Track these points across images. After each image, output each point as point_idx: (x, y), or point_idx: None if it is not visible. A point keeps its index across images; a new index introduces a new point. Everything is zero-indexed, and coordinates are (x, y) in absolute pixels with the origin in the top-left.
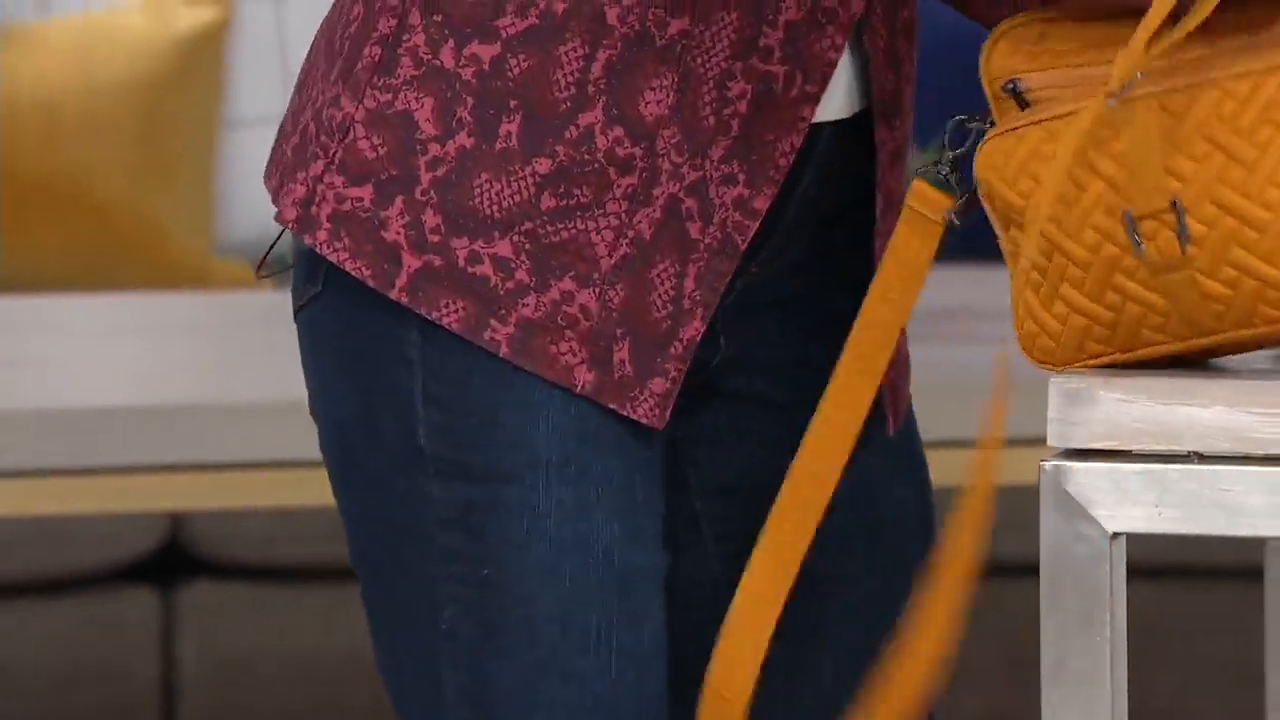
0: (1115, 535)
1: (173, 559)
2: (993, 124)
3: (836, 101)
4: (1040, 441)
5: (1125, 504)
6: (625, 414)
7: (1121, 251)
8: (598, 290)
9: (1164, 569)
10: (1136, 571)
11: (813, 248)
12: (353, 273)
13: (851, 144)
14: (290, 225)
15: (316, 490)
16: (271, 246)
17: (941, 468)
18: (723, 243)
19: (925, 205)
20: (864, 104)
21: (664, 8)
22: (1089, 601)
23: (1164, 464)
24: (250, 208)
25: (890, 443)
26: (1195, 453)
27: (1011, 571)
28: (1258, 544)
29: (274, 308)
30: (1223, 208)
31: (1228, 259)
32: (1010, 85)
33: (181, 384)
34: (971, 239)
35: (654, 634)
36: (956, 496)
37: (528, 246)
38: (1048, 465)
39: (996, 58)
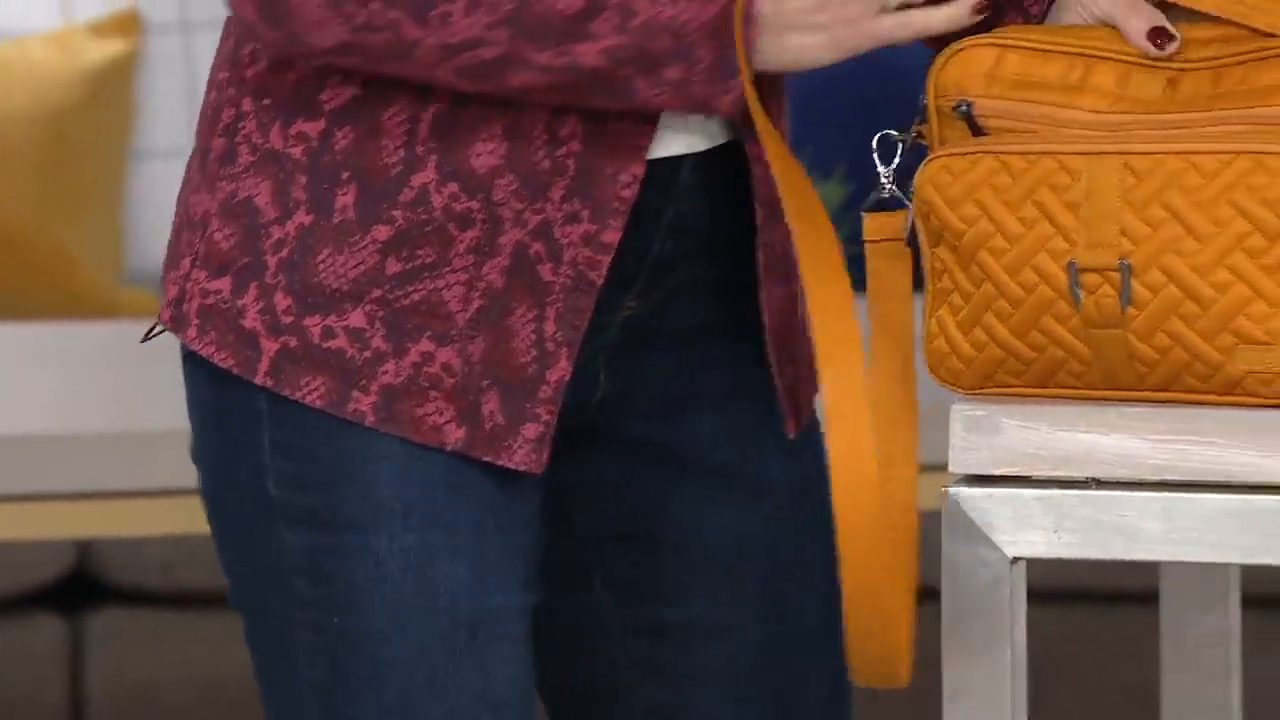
0: (1015, 560)
1: (80, 586)
2: (919, 136)
3: (691, 134)
4: (942, 468)
5: (1025, 529)
6: (501, 464)
7: (1057, 296)
8: (457, 346)
9: (1063, 593)
10: (1036, 596)
11: (700, 280)
12: (220, 364)
13: (727, 174)
14: (168, 325)
15: None
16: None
17: None
18: (577, 281)
19: (882, 231)
20: (731, 135)
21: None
22: (989, 625)
23: (1063, 490)
24: (158, 238)
25: (795, 491)
26: (1093, 478)
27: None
28: (1154, 568)
29: None
30: (1170, 277)
31: (1164, 327)
32: (963, 106)
33: (89, 412)
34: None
35: (507, 677)
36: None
37: (380, 314)
38: (950, 491)
39: (950, 75)
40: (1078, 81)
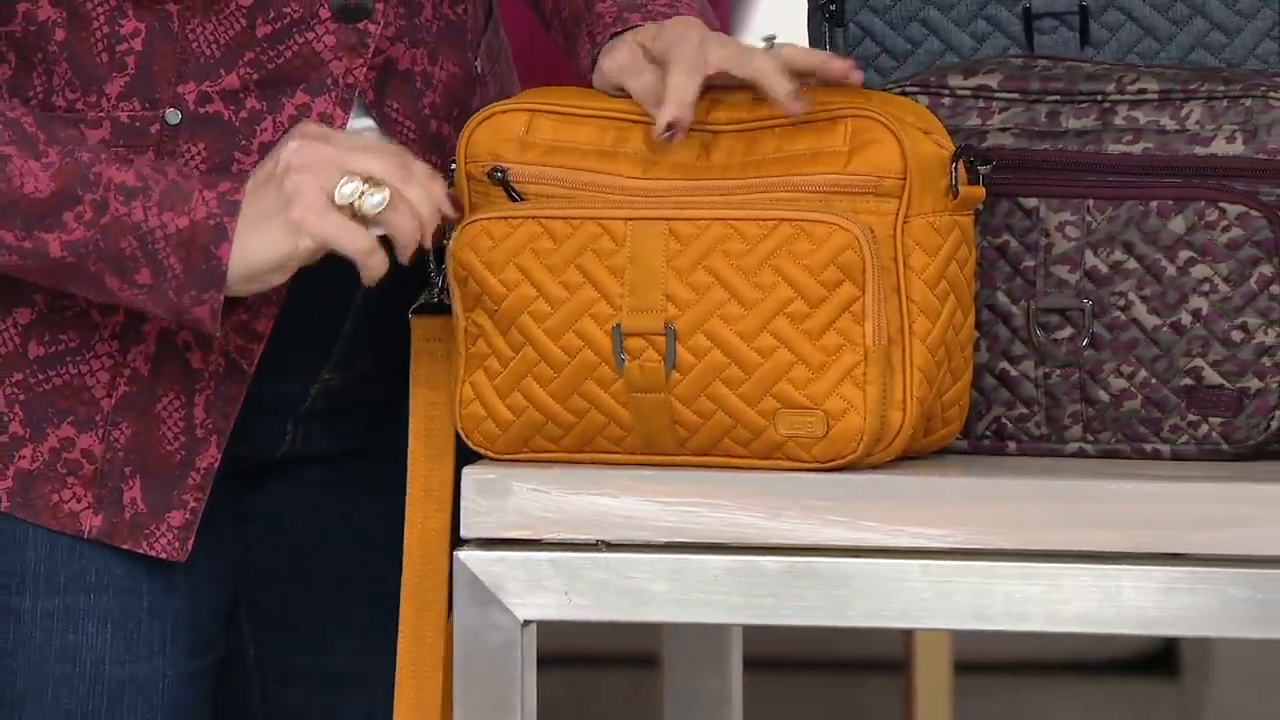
0: (526, 623)
1: None
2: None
3: None
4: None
5: (536, 592)
6: (142, 552)
7: (600, 361)
8: (101, 432)
9: (567, 657)
10: (547, 659)
11: (393, 354)
12: None
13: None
14: None
15: None
16: None
17: None
18: (228, 369)
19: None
20: None
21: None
22: (501, 688)
23: (574, 552)
24: None
25: None
26: (603, 541)
27: None
28: (659, 629)
29: None
30: (714, 341)
31: (708, 392)
32: (498, 173)
33: None
34: None
35: None
36: None
37: (21, 397)
38: (460, 555)
39: (481, 141)
40: (612, 146)
